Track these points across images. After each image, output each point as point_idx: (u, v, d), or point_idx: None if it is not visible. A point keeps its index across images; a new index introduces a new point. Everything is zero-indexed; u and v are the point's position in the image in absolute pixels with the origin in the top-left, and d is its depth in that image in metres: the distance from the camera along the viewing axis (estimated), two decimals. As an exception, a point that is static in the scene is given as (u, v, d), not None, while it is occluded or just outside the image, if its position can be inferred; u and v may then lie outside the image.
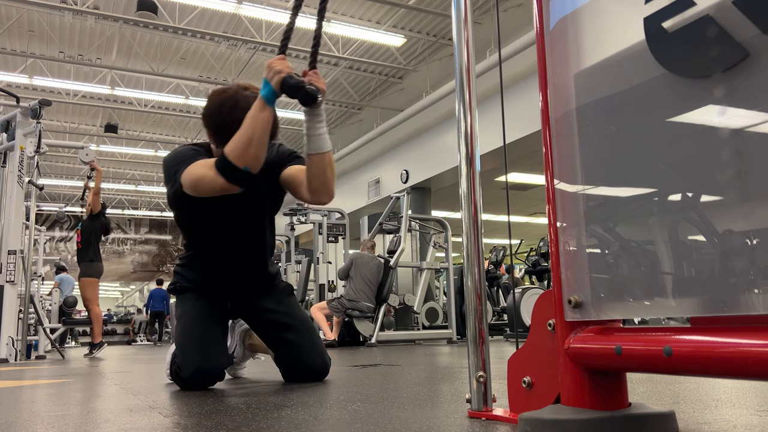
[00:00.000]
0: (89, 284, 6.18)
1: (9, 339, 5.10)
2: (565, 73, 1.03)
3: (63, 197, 19.39)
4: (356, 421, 1.22)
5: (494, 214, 13.70)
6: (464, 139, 1.29)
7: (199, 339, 2.11)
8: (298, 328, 2.25)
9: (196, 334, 2.12)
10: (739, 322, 0.77)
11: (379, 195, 12.49)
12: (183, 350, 2.09)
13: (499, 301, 9.41)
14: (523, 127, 7.89)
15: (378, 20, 9.99)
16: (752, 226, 0.75)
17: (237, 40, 10.34)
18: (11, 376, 3.23)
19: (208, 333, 2.14)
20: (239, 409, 1.47)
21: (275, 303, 2.28)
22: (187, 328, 2.14)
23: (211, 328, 2.17)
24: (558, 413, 0.96)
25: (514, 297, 7.41)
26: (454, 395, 1.62)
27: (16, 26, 9.97)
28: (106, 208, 6.57)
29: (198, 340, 2.10)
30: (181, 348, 2.10)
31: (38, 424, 1.30)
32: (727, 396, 1.50)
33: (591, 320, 0.97)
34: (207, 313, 2.17)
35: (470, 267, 1.27)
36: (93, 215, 6.33)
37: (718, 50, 0.78)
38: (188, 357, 2.04)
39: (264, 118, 1.82)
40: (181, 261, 2.32)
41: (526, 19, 8.54)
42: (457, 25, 1.33)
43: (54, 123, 13.73)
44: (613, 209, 0.96)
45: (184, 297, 2.23)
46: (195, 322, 2.14)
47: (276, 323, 2.25)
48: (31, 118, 5.54)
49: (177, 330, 2.19)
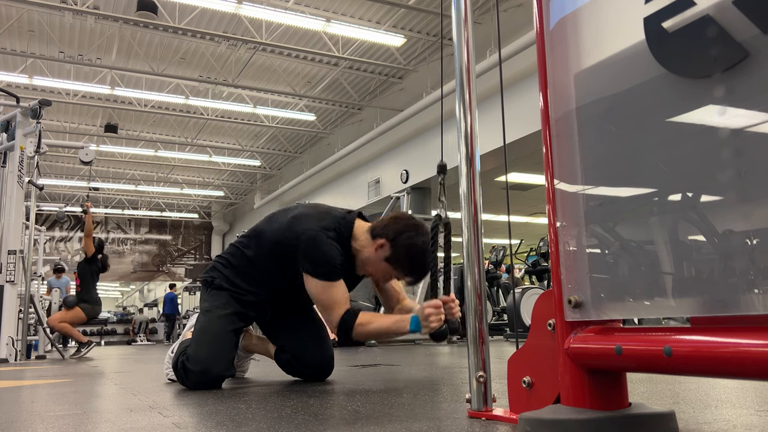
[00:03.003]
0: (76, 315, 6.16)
1: (9, 339, 5.10)
2: (565, 73, 1.03)
3: (63, 197, 19.39)
4: (356, 420, 1.22)
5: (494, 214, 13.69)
6: (464, 139, 1.29)
7: (217, 340, 2.11)
8: (309, 323, 2.28)
9: (217, 334, 2.12)
10: (739, 322, 0.76)
11: (379, 195, 12.48)
12: (198, 343, 2.09)
13: (499, 301, 9.41)
14: (523, 127, 7.88)
15: (378, 20, 9.98)
16: (752, 226, 0.75)
17: (237, 40, 10.33)
18: (11, 376, 3.23)
19: (225, 339, 2.13)
20: (239, 409, 1.47)
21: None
22: (209, 326, 2.14)
23: (230, 335, 2.16)
24: (558, 413, 0.96)
25: (514, 297, 7.40)
26: (454, 395, 1.62)
27: (16, 26, 9.97)
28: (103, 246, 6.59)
29: (216, 341, 2.10)
30: (197, 341, 2.11)
31: (38, 424, 1.30)
32: (727, 396, 1.50)
33: (591, 320, 0.97)
34: (232, 318, 2.16)
35: (470, 267, 1.27)
36: (88, 258, 6.36)
37: (718, 50, 0.78)
38: (200, 353, 2.05)
39: (398, 331, 1.93)
40: (228, 262, 2.24)
41: (526, 19, 8.53)
42: (457, 25, 1.33)
43: (54, 123, 13.72)
44: (613, 209, 0.95)
45: (219, 294, 2.19)
46: (220, 323, 2.13)
47: (287, 318, 2.27)
48: (31, 118, 5.55)
49: (200, 322, 2.17)
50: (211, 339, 2.10)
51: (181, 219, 21.93)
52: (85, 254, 6.38)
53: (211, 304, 2.18)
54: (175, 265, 21.65)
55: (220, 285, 2.20)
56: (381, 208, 9.67)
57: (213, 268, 2.27)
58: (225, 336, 2.13)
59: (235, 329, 2.18)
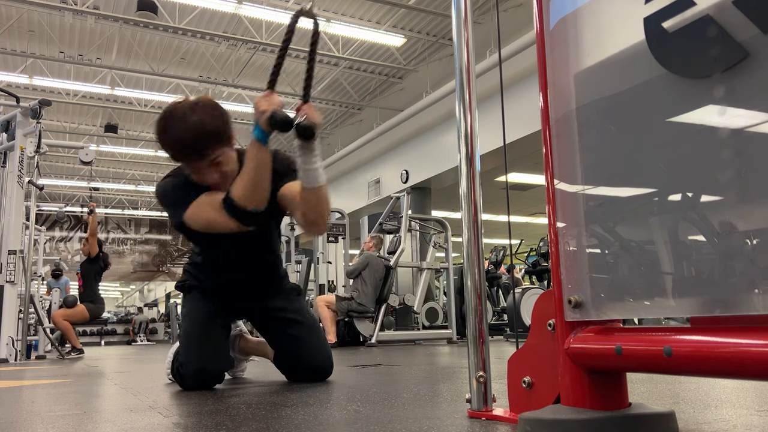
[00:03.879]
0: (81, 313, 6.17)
1: (9, 339, 5.10)
2: (565, 73, 1.03)
3: (63, 197, 19.39)
4: (356, 421, 1.22)
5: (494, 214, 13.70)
6: (464, 139, 1.29)
7: (203, 339, 2.11)
8: (305, 324, 2.27)
9: (201, 334, 2.13)
10: (739, 322, 0.76)
11: (379, 195, 12.48)
12: (186, 348, 2.09)
13: (499, 301, 9.41)
14: (523, 127, 7.88)
15: (378, 20, 9.98)
16: (752, 226, 0.75)
17: (237, 40, 10.34)
18: (11, 376, 3.23)
19: (212, 334, 2.15)
20: (239, 409, 1.47)
21: (283, 301, 2.30)
22: (192, 328, 2.15)
23: (216, 330, 2.18)
24: (558, 413, 0.96)
25: (514, 297, 7.41)
26: (454, 395, 1.62)
27: (16, 26, 9.97)
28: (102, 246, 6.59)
29: (202, 341, 2.11)
30: (185, 346, 2.11)
31: (38, 424, 1.30)
32: (727, 396, 1.50)
33: (591, 320, 0.97)
34: (213, 314, 2.18)
35: (470, 267, 1.27)
36: (91, 258, 6.37)
37: (718, 50, 0.78)
38: (191, 356, 2.05)
39: (263, 159, 1.83)
40: (191, 260, 2.32)
41: (526, 19, 8.53)
42: (457, 25, 1.33)
43: (54, 123, 13.72)
44: (613, 209, 0.95)
45: (192, 295, 2.24)
46: (200, 322, 2.15)
47: (283, 320, 2.26)
48: (31, 118, 5.55)
49: (182, 327, 2.21)
50: (199, 338, 2.11)
51: (181, 219, 21.91)
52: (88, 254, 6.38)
53: (190, 307, 2.21)
54: (175, 265, 21.64)
55: (191, 285, 2.24)
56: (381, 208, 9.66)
57: (183, 271, 2.33)
58: (213, 332, 2.14)
59: (221, 324, 2.20)
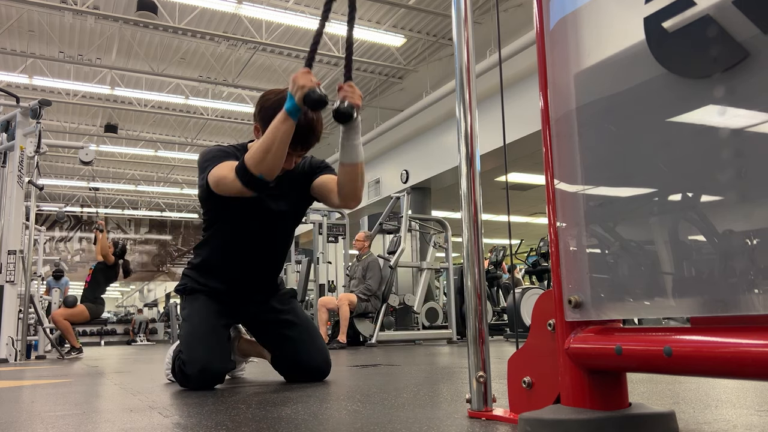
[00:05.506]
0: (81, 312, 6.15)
1: (9, 339, 5.10)
2: (565, 73, 1.03)
3: (63, 197, 19.38)
4: (356, 421, 1.22)
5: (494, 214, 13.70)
6: (464, 139, 1.29)
7: (207, 339, 2.12)
8: (301, 326, 2.29)
9: (205, 334, 2.14)
10: (739, 322, 0.76)
11: (379, 195, 12.48)
12: (190, 347, 2.09)
13: (499, 301, 9.40)
14: (523, 127, 7.88)
15: (378, 20, 9.98)
16: (752, 226, 0.75)
17: (237, 40, 10.33)
18: (11, 376, 3.23)
19: (215, 335, 2.16)
20: (239, 409, 1.47)
21: (279, 303, 2.32)
22: (195, 328, 2.15)
23: (219, 331, 2.19)
24: (558, 413, 0.96)
25: (514, 297, 7.40)
26: (454, 395, 1.62)
27: (16, 26, 9.96)
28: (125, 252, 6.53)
29: (205, 341, 2.11)
30: (188, 346, 2.11)
31: (38, 424, 1.30)
32: (727, 396, 1.50)
33: (591, 320, 0.97)
34: (216, 315, 2.19)
35: (470, 267, 1.27)
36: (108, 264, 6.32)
37: (718, 50, 0.78)
38: (194, 355, 2.06)
39: (285, 130, 1.84)
40: (191, 264, 2.33)
41: (526, 19, 8.53)
42: (457, 25, 1.33)
43: (54, 123, 13.72)
44: (613, 209, 0.96)
45: (193, 298, 2.24)
46: (204, 323, 2.16)
47: (279, 321, 2.27)
48: (31, 118, 5.55)
49: (184, 329, 2.20)
50: (201, 338, 2.12)
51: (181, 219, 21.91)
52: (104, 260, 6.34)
53: (192, 308, 2.21)
54: (175, 265, 21.63)
55: (193, 288, 2.24)
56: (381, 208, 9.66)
57: (183, 275, 2.34)
58: (215, 331, 2.15)
59: (223, 324, 2.21)
